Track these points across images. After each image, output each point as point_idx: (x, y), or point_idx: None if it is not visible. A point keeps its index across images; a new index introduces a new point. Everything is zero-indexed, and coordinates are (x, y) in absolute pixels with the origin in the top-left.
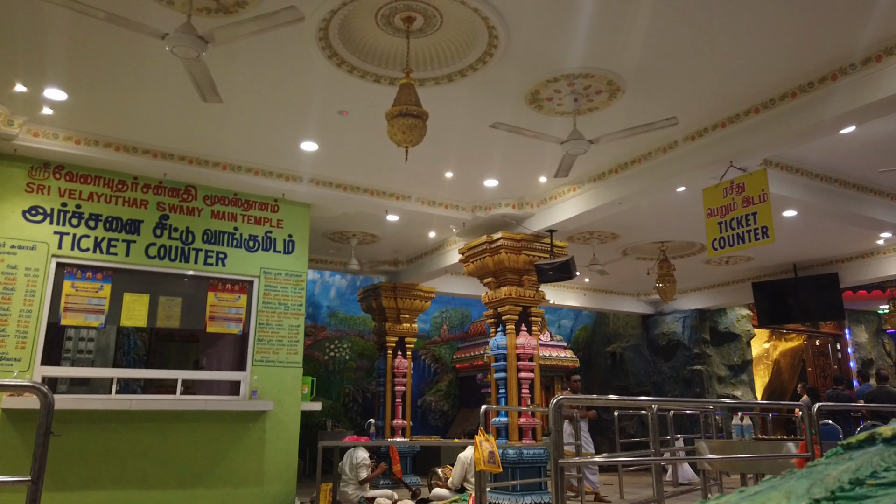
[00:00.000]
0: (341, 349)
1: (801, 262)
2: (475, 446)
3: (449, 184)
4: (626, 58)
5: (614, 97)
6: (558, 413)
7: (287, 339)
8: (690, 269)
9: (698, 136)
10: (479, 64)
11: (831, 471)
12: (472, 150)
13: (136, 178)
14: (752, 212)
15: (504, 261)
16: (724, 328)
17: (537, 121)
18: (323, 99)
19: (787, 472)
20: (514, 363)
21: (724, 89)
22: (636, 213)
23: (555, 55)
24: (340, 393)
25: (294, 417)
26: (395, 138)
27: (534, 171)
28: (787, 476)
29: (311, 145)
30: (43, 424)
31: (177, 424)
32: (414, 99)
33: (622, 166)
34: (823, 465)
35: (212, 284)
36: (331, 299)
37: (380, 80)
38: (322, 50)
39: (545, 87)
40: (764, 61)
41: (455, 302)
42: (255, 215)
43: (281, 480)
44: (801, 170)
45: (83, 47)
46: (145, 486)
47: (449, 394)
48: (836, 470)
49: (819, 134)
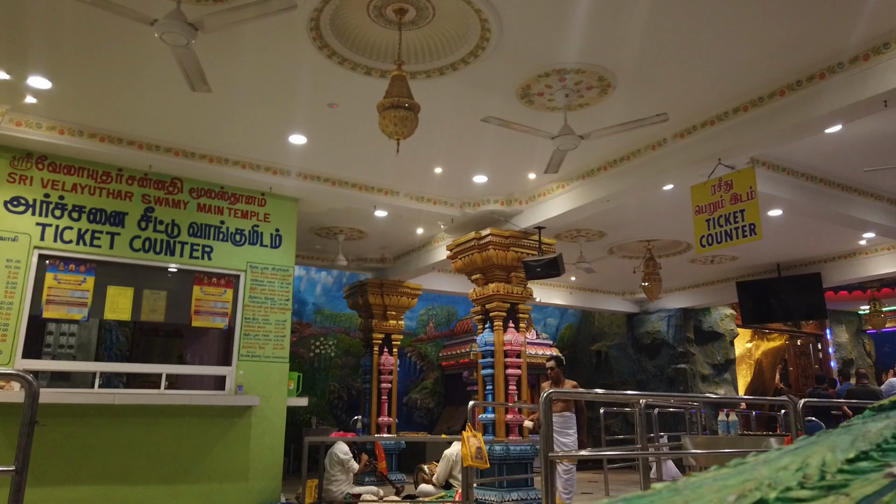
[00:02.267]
0: (327, 346)
1: (785, 261)
2: (462, 442)
3: (438, 179)
4: (617, 54)
5: (605, 93)
6: (548, 407)
7: (273, 334)
8: (676, 269)
9: (687, 134)
10: (471, 57)
11: (870, 427)
12: (461, 145)
13: (121, 170)
14: (739, 209)
15: (492, 257)
16: (707, 327)
17: (528, 116)
18: (312, 91)
19: (821, 431)
20: (502, 360)
21: (714, 87)
22: (623, 211)
23: (547, 50)
24: (325, 390)
25: (280, 413)
26: (386, 130)
27: (523, 168)
28: (823, 434)
29: (299, 138)
30: (28, 414)
31: (161, 419)
32: (406, 91)
33: (611, 163)
34: (860, 423)
35: (197, 278)
36: (317, 296)
37: (371, 72)
38: (313, 41)
39: (536, 82)
40: (753, 59)
41: (441, 300)
42: (241, 209)
43: (266, 476)
44: (788, 169)
45: (68, 34)
46: (128, 482)
47: (434, 391)
48: (875, 427)
49: (806, 132)
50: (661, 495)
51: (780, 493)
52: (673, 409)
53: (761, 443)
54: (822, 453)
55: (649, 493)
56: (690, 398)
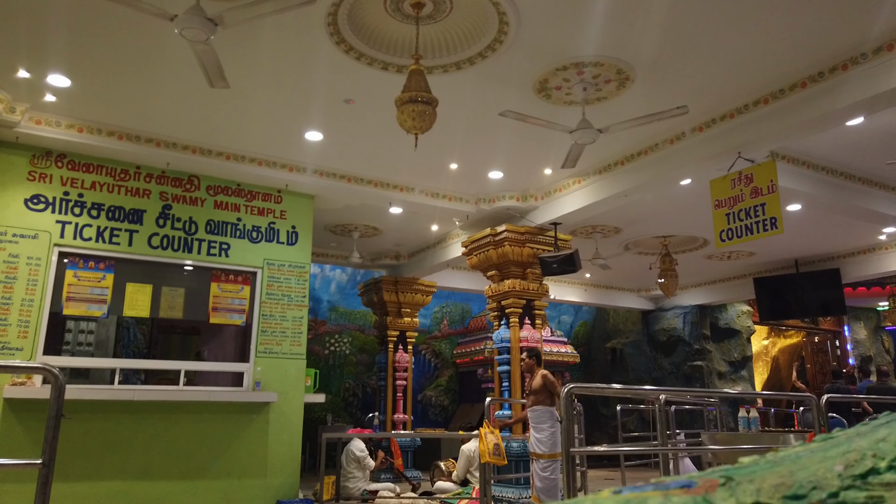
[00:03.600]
0: (341, 344)
1: (803, 257)
2: (480, 439)
3: (453, 175)
4: (636, 46)
5: (623, 87)
6: (570, 402)
7: (290, 330)
8: (692, 265)
9: (706, 127)
10: (489, 51)
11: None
12: (477, 140)
13: (139, 168)
14: (760, 203)
15: (508, 254)
16: (724, 324)
17: (545, 110)
18: (329, 87)
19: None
20: (518, 356)
21: (734, 79)
22: (640, 206)
23: (565, 43)
24: (340, 387)
25: (297, 409)
26: (404, 125)
27: (539, 163)
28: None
29: (315, 135)
30: (54, 407)
31: (180, 415)
32: (424, 85)
33: (628, 158)
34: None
35: (215, 275)
36: (331, 293)
37: (387, 67)
38: (330, 36)
39: (554, 76)
40: (774, 51)
41: (455, 297)
42: (258, 206)
43: (285, 472)
44: (808, 162)
45: (88, 32)
46: (149, 477)
47: (449, 389)
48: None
49: (828, 125)
50: (760, 466)
51: (890, 461)
52: (689, 407)
53: (782, 439)
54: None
55: (749, 464)
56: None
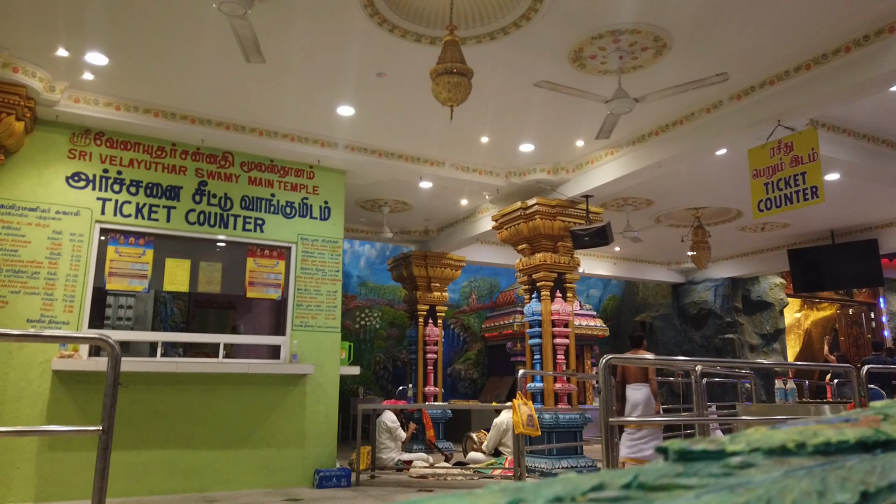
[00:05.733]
0: (371, 318)
1: (839, 228)
2: (514, 410)
3: (484, 149)
4: (674, 12)
5: (660, 54)
6: (608, 372)
7: (325, 304)
8: (725, 237)
9: (745, 95)
10: (523, 21)
11: None
12: (509, 113)
13: (175, 145)
14: (801, 171)
15: (539, 227)
16: (756, 297)
17: (579, 80)
18: (362, 60)
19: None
20: (550, 329)
21: (775, 45)
22: (673, 178)
23: (601, 10)
24: (371, 361)
25: (333, 381)
26: (440, 97)
27: (571, 135)
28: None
29: (347, 110)
30: (111, 375)
31: (220, 387)
32: (459, 56)
33: (663, 128)
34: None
35: (251, 250)
36: (361, 269)
37: (420, 39)
38: (364, 7)
39: (589, 45)
40: (816, 14)
41: (484, 271)
42: (291, 181)
43: (322, 442)
44: (848, 130)
45: (124, 10)
46: (192, 447)
47: (478, 362)
48: None
49: (872, 90)
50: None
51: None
52: (720, 379)
53: (817, 410)
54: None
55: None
56: (746, 364)
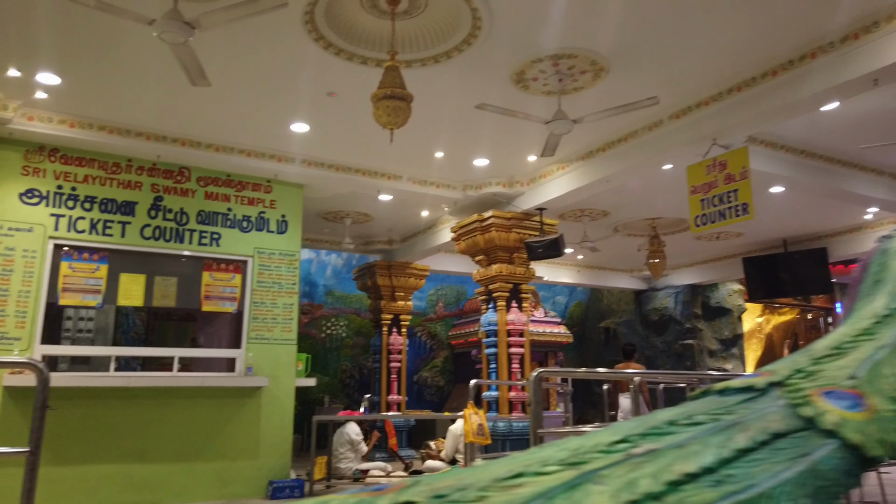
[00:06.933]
0: (338, 327)
1: (791, 237)
2: (465, 419)
3: (440, 163)
4: (608, 38)
5: (598, 77)
6: (538, 385)
7: (281, 317)
8: (682, 245)
9: (682, 115)
10: (465, 45)
11: (660, 415)
12: (461, 129)
13: (131, 161)
14: (733, 189)
15: (495, 239)
16: (715, 303)
17: (524, 100)
18: (312, 81)
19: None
20: (505, 339)
21: (707, 68)
22: (626, 190)
23: (538, 36)
24: (337, 369)
25: (288, 393)
26: (380, 120)
27: (523, 150)
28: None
29: (302, 126)
30: (39, 399)
31: (175, 400)
32: (399, 81)
33: (609, 144)
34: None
35: (207, 264)
36: (327, 278)
37: (367, 61)
38: (309, 33)
39: (530, 68)
40: (745, 40)
41: (450, 279)
42: (248, 196)
43: (276, 454)
44: (786, 146)
45: (75, 32)
46: (145, 460)
47: (444, 369)
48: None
49: (800, 111)
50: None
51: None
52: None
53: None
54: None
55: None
56: (687, 376)
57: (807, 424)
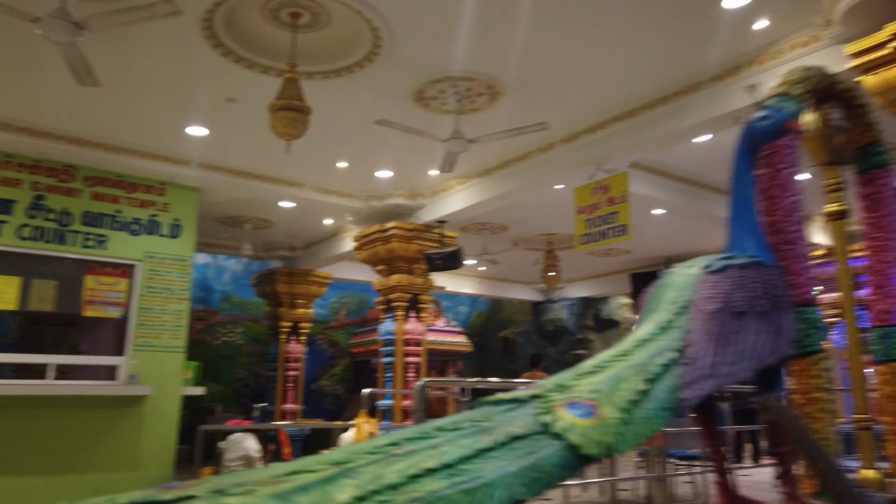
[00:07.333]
0: (234, 334)
1: (674, 255)
2: (357, 428)
3: (342, 173)
4: (504, 65)
5: (495, 100)
6: (422, 394)
7: (170, 323)
8: (576, 260)
9: (571, 139)
10: (366, 62)
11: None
12: (364, 141)
13: (10, 157)
14: (614, 211)
15: (396, 249)
16: (606, 315)
17: (424, 118)
18: (210, 86)
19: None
20: (402, 348)
21: (594, 98)
22: (524, 206)
23: (438, 58)
24: (232, 378)
25: (174, 402)
26: (276, 131)
27: (425, 165)
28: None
29: (199, 130)
30: None
31: (49, 410)
32: (297, 93)
33: (506, 163)
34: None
35: (91, 267)
36: (225, 283)
37: (268, 70)
38: (207, 40)
39: (430, 87)
40: (627, 75)
41: (354, 288)
42: (139, 198)
43: (157, 465)
44: (665, 172)
45: None
46: (14, 473)
47: (344, 378)
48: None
49: (676, 141)
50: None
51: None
52: None
53: None
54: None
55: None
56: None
57: (543, 429)
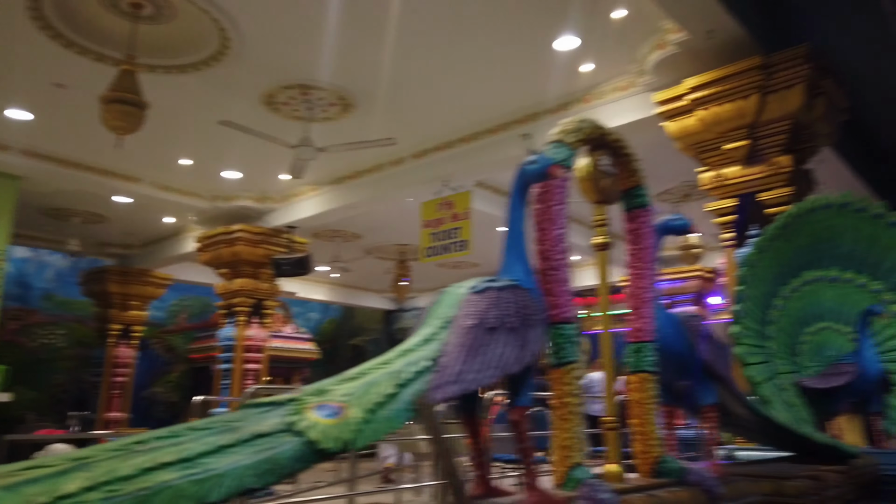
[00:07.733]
0: (56, 335)
1: None
2: None
3: (186, 171)
4: (357, 79)
5: (347, 111)
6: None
7: None
8: (428, 271)
9: (421, 156)
10: (213, 61)
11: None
12: (210, 140)
13: None
14: (457, 226)
15: (241, 253)
16: None
17: (274, 122)
18: (35, 68)
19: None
20: (242, 355)
21: (443, 118)
22: (377, 216)
23: (289, 65)
24: (50, 383)
25: None
26: (108, 124)
27: (276, 169)
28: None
29: (22, 114)
30: None
31: None
32: (133, 86)
33: (359, 173)
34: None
35: None
36: (47, 280)
37: (103, 59)
38: (33, 20)
39: (281, 93)
40: (474, 101)
41: (197, 290)
42: None
43: None
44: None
45: None
46: None
47: (181, 385)
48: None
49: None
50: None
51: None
52: None
53: None
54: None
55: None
56: None
57: (287, 428)
